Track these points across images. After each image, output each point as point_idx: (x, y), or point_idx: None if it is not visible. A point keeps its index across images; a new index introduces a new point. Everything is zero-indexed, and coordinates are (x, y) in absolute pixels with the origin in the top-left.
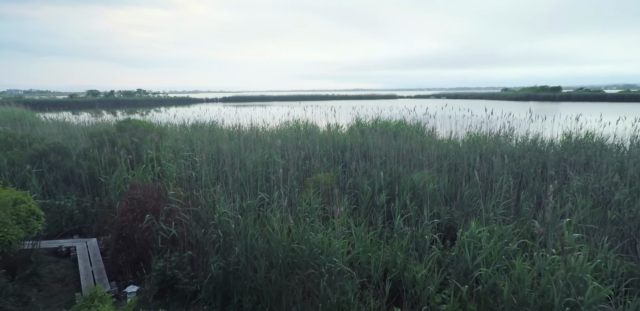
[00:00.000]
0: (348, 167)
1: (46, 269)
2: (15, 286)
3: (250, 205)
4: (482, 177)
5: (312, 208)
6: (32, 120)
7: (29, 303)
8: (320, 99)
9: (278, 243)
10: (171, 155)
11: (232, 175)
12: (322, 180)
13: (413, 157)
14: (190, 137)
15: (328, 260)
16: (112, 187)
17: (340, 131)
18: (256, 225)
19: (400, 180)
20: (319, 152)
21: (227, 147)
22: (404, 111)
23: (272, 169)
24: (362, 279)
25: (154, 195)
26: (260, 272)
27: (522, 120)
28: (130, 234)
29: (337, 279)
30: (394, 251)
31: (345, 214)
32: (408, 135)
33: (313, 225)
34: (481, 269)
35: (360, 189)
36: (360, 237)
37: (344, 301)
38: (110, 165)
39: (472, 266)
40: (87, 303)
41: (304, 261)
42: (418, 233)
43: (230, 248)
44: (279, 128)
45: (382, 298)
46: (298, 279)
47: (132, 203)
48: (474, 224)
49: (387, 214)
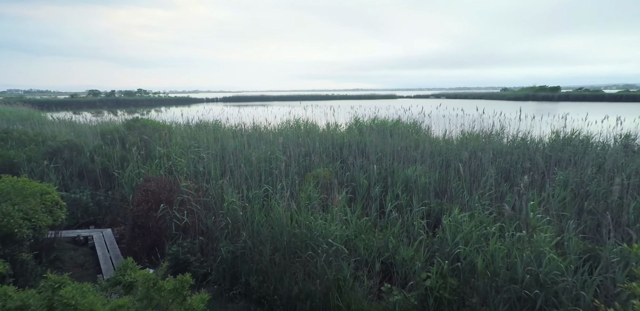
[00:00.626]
0: (346, 163)
1: (67, 255)
2: (43, 268)
3: (256, 195)
4: (471, 171)
5: (312, 198)
6: (39, 119)
7: None
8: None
9: (282, 228)
10: (182, 151)
11: (237, 169)
12: (321, 175)
13: (408, 153)
14: (195, 135)
15: (325, 241)
16: (125, 181)
17: (339, 130)
18: (261, 212)
19: (395, 175)
20: (318, 149)
21: (232, 144)
22: (400, 110)
23: (275, 165)
24: (357, 258)
25: (167, 187)
26: (265, 255)
27: (513, 119)
28: (146, 222)
29: (335, 259)
30: (386, 237)
31: (343, 202)
32: (403, 133)
33: (313, 211)
34: (460, 247)
35: (357, 182)
36: (356, 222)
37: (341, 279)
38: (122, 161)
39: (451, 245)
40: (121, 272)
41: (304, 244)
42: (408, 222)
43: (238, 234)
44: (280, 127)
45: (375, 278)
46: (299, 262)
47: (147, 194)
48: (456, 210)
49: (382, 206)
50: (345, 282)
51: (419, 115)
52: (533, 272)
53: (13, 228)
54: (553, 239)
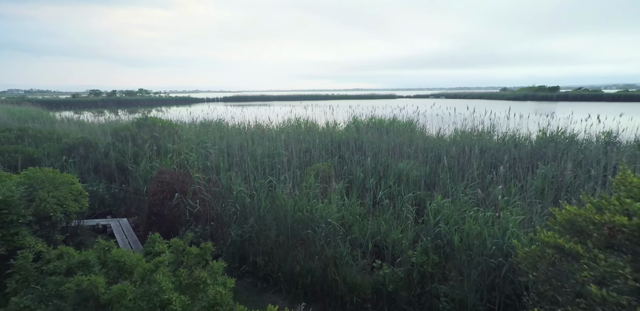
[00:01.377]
0: (344, 159)
1: (89, 241)
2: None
3: (262, 185)
4: (460, 165)
5: (312, 187)
6: (48, 118)
7: None
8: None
9: (285, 213)
10: (192, 146)
11: (243, 164)
12: (320, 169)
13: (402, 150)
14: (201, 133)
15: (324, 221)
16: (140, 174)
17: (338, 128)
18: (267, 200)
19: (388, 169)
20: (318, 146)
21: (237, 141)
22: (395, 110)
23: (278, 159)
24: (353, 235)
25: (180, 179)
26: (270, 238)
27: (503, 118)
28: (161, 211)
29: (332, 239)
30: (378, 222)
31: (340, 189)
32: (399, 131)
33: (313, 198)
34: (440, 225)
35: (353, 175)
36: (352, 206)
37: (337, 257)
38: (135, 156)
39: (433, 224)
40: (150, 244)
41: (306, 225)
42: (399, 208)
43: (246, 219)
44: (281, 125)
45: (368, 257)
46: (300, 244)
47: (162, 185)
48: (439, 197)
49: (376, 196)
50: (341, 258)
51: (414, 114)
52: (499, 244)
53: (49, 211)
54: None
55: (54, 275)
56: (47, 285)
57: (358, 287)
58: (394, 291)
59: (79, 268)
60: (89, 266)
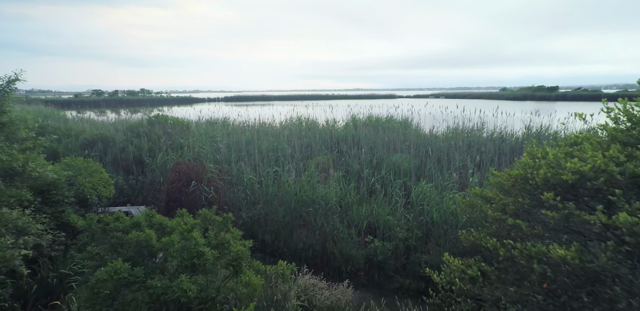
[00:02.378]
0: (342, 153)
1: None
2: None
3: (268, 173)
4: (448, 158)
5: (313, 175)
6: (60, 117)
7: None
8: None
9: (290, 196)
10: (202, 141)
11: (250, 156)
12: (321, 161)
13: (396, 145)
14: (209, 130)
15: (324, 201)
16: (157, 166)
17: (337, 125)
18: (274, 185)
19: (383, 161)
20: (318, 141)
21: (244, 137)
22: (391, 109)
23: (281, 153)
24: (348, 218)
25: (195, 169)
26: (276, 218)
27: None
28: (179, 197)
29: (330, 218)
30: (372, 206)
31: (337, 177)
32: (394, 128)
33: (314, 184)
34: (422, 204)
35: (350, 167)
36: (347, 192)
37: (335, 233)
38: (151, 150)
39: (416, 204)
40: (179, 216)
41: (308, 205)
42: (390, 194)
43: (255, 203)
44: (284, 123)
45: (363, 235)
46: (302, 226)
47: (179, 174)
48: (423, 182)
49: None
50: (338, 235)
51: (409, 113)
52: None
53: (86, 194)
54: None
55: (114, 232)
56: (111, 238)
57: (352, 258)
58: (383, 261)
59: (132, 227)
60: (139, 227)
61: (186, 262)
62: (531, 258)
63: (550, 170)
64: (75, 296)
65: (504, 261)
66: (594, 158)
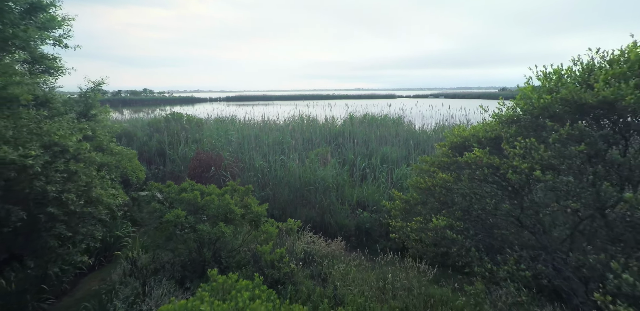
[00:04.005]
0: (339, 146)
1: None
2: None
3: (276, 160)
4: (433, 149)
5: (314, 161)
6: None
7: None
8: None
9: (295, 178)
10: (216, 135)
11: (258, 148)
12: (320, 152)
13: (388, 139)
14: (219, 126)
15: (322, 181)
16: (178, 156)
17: (336, 122)
18: (281, 170)
19: (375, 152)
20: (318, 136)
21: (252, 132)
22: (385, 108)
23: (286, 146)
24: (342, 197)
25: (213, 157)
26: (283, 197)
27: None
28: (199, 181)
29: (327, 195)
30: (362, 188)
31: (334, 163)
32: (387, 125)
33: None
34: (401, 182)
35: (346, 157)
36: (341, 172)
37: (332, 208)
38: (170, 143)
39: (397, 182)
40: (208, 190)
41: (309, 184)
42: (378, 176)
43: (265, 185)
44: (287, 121)
45: (355, 209)
46: (306, 203)
47: (200, 162)
48: (405, 165)
49: (362, 171)
50: (334, 208)
51: (401, 111)
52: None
53: (129, 176)
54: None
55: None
56: (167, 198)
57: (345, 227)
58: (370, 228)
59: (181, 191)
60: (186, 190)
61: (221, 216)
62: (436, 186)
63: (456, 137)
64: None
65: (426, 191)
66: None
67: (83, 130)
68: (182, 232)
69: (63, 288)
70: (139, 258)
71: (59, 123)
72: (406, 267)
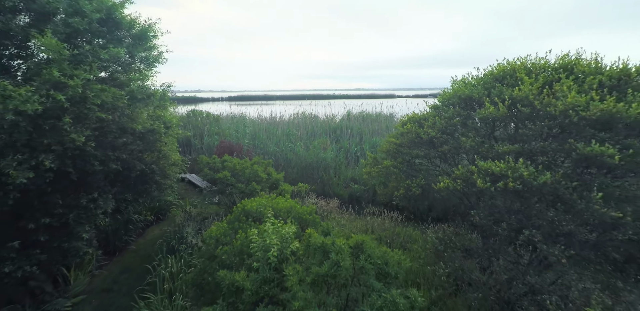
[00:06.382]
0: (337, 137)
1: (180, 184)
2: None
3: (287, 147)
4: None
5: (316, 147)
6: None
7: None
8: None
9: (302, 160)
10: (233, 128)
11: (269, 139)
12: (321, 141)
13: (380, 133)
14: (232, 122)
15: (323, 160)
16: (203, 146)
17: (335, 119)
18: (290, 153)
19: (367, 142)
20: (319, 129)
21: (262, 127)
22: (379, 107)
23: (292, 137)
24: (338, 171)
25: (234, 145)
26: (292, 174)
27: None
28: None
29: (327, 172)
30: (355, 170)
31: (332, 149)
32: (380, 121)
33: (318, 151)
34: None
35: (343, 145)
36: (338, 154)
37: (330, 183)
38: (195, 135)
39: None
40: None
41: (313, 164)
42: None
43: (277, 166)
44: (291, 118)
45: (348, 182)
46: (311, 180)
47: (224, 149)
48: None
49: (354, 154)
50: (333, 182)
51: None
52: None
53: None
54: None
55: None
56: (213, 167)
57: (341, 196)
58: (360, 196)
59: (223, 162)
60: (226, 161)
61: (252, 179)
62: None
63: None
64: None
65: (388, 152)
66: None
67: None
68: (227, 188)
69: (137, 232)
70: (192, 210)
71: (161, 111)
72: (383, 217)
